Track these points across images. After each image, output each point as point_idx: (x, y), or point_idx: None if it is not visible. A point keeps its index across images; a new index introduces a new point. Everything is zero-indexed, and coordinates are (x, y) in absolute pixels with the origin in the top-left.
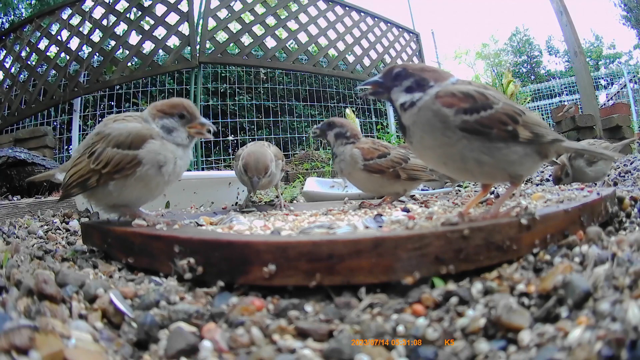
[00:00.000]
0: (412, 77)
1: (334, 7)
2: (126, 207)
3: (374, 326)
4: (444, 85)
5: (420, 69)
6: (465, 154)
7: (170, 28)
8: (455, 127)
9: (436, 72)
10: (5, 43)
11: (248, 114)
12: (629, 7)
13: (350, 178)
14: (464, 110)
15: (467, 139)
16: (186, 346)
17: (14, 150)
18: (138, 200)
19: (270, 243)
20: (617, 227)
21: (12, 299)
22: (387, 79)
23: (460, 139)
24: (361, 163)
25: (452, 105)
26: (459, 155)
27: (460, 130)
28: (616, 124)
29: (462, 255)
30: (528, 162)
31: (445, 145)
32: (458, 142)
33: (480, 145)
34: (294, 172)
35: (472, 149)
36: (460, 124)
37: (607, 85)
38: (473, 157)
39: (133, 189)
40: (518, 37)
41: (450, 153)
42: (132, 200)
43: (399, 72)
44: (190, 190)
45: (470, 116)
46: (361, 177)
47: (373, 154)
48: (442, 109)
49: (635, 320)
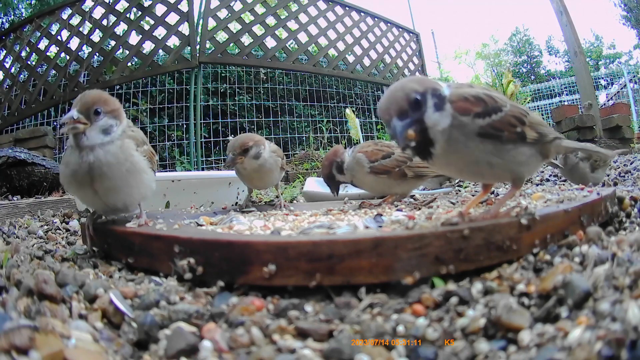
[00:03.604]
0: (427, 92)
1: (334, 7)
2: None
3: (374, 326)
4: (447, 89)
5: (421, 81)
6: (480, 157)
7: (170, 28)
8: (472, 132)
9: (429, 79)
10: (5, 43)
11: (248, 114)
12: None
13: (358, 183)
14: (477, 114)
15: (482, 143)
16: (186, 346)
17: (14, 150)
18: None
19: (270, 243)
20: (617, 227)
21: (12, 299)
22: (411, 112)
23: (477, 144)
24: (367, 166)
25: (467, 110)
26: (475, 160)
27: (477, 135)
28: (616, 124)
29: (462, 255)
30: (533, 162)
31: (466, 151)
32: (475, 147)
33: (492, 148)
34: (294, 172)
35: (485, 152)
36: (477, 129)
37: (607, 85)
38: (485, 160)
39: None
40: (518, 37)
41: (468, 159)
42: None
43: (415, 99)
44: (190, 190)
45: (484, 120)
46: (369, 180)
47: (377, 155)
48: (458, 115)
49: (635, 320)
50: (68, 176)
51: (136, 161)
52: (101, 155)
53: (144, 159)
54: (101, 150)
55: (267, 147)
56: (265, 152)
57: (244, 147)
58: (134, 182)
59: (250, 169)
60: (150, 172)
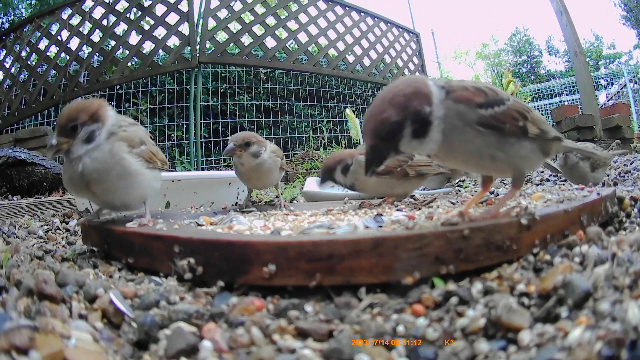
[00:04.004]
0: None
1: (334, 7)
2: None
3: (374, 326)
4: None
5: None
6: (482, 150)
7: (170, 28)
8: (473, 122)
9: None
10: (5, 43)
11: (248, 114)
12: (629, 7)
13: (360, 186)
14: (479, 105)
15: (484, 135)
16: (186, 346)
17: (14, 150)
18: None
19: (270, 243)
20: (617, 227)
21: (12, 299)
22: (382, 145)
23: (479, 135)
24: None
25: (467, 99)
26: (478, 151)
27: (478, 125)
28: (616, 124)
29: (462, 255)
30: (534, 157)
31: (467, 142)
32: (476, 137)
33: (494, 141)
34: (294, 172)
35: (488, 145)
36: (477, 119)
37: (607, 85)
38: (489, 153)
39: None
40: (518, 37)
41: (470, 150)
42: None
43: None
44: (190, 190)
45: (486, 111)
46: (372, 182)
47: None
48: (458, 104)
49: (635, 320)
50: (67, 182)
51: (127, 165)
52: (88, 163)
53: (137, 160)
54: (88, 158)
55: (268, 148)
56: (265, 154)
57: (246, 140)
58: (129, 184)
59: (247, 166)
60: (147, 173)
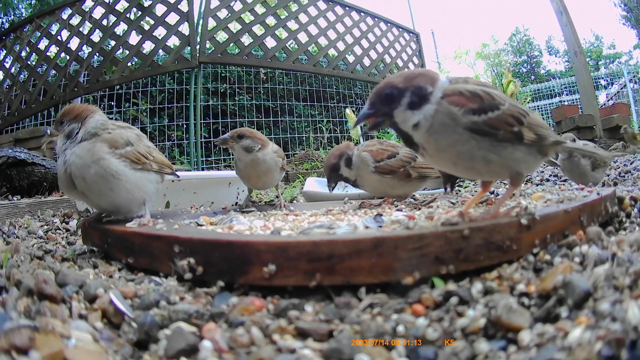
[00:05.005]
0: (407, 90)
1: (334, 7)
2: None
3: (374, 326)
4: (444, 84)
5: (408, 78)
6: (474, 153)
7: (170, 28)
8: (464, 127)
9: (426, 75)
10: (5, 43)
11: (248, 114)
12: (629, 7)
13: (361, 182)
14: (472, 110)
15: (475, 139)
16: (186, 346)
17: (14, 150)
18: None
19: (270, 243)
20: (617, 227)
21: (12, 299)
22: (379, 105)
23: (470, 139)
24: (372, 165)
25: (461, 104)
26: (469, 154)
27: (469, 130)
28: (616, 124)
29: (462, 255)
30: (531, 160)
31: (457, 144)
32: (467, 141)
33: (488, 145)
34: (294, 172)
35: (480, 148)
36: (470, 124)
37: (607, 85)
38: (481, 156)
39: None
40: (518, 37)
41: (460, 152)
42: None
43: (389, 93)
44: (190, 190)
45: (479, 117)
46: (373, 180)
47: (382, 154)
48: (451, 108)
49: (635, 320)
50: (58, 179)
51: (106, 165)
52: (68, 156)
53: (119, 161)
54: (69, 151)
55: (270, 148)
56: (261, 152)
57: (239, 133)
58: (113, 186)
59: (243, 162)
60: (134, 175)
